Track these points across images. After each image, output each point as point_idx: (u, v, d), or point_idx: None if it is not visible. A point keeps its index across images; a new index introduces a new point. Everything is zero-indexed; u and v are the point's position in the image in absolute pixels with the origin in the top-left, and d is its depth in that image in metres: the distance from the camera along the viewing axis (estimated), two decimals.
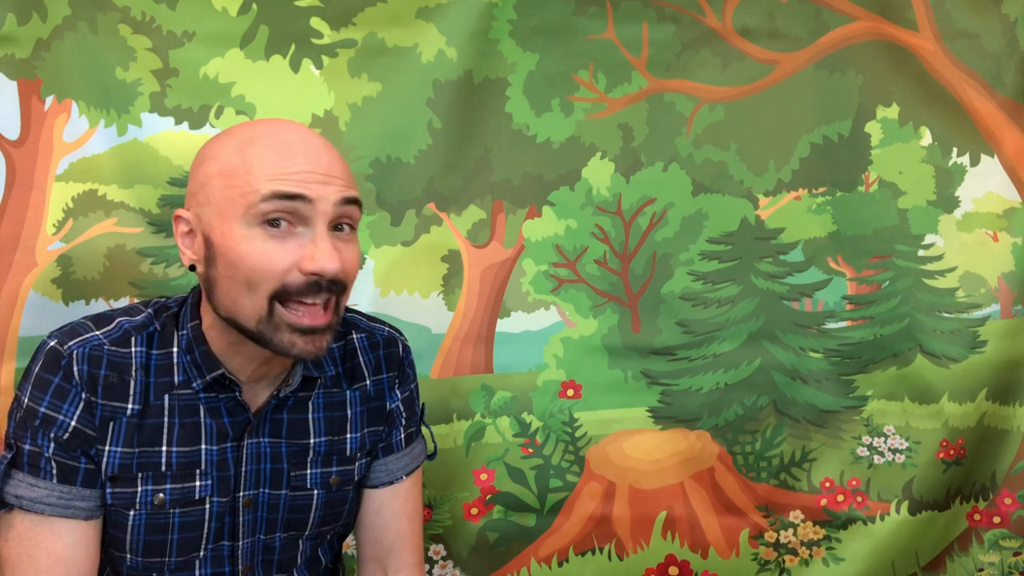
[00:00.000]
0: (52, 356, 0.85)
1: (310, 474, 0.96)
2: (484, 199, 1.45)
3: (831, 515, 1.51)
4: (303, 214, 0.81)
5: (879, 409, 1.51)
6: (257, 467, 0.93)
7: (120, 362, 0.87)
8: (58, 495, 0.84)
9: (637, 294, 1.49)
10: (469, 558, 1.47)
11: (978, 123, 1.48)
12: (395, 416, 1.04)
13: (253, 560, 0.95)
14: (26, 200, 1.30)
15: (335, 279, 0.82)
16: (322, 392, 0.97)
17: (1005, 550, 1.52)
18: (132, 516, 0.87)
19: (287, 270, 0.81)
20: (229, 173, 0.82)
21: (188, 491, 0.89)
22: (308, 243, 0.82)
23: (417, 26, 1.39)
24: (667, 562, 1.49)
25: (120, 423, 0.86)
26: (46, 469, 0.84)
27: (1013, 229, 1.49)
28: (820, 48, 1.47)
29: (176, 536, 0.89)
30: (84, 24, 1.30)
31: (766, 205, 1.49)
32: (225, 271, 0.82)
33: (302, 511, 0.96)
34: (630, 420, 1.48)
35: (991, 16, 1.46)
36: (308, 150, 0.83)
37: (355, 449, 0.99)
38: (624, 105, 1.46)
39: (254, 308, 0.82)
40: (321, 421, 0.97)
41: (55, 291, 1.30)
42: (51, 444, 0.84)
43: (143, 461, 0.87)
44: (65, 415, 0.84)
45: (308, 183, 0.81)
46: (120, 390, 0.87)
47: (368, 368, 1.02)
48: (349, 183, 0.85)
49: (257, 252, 0.80)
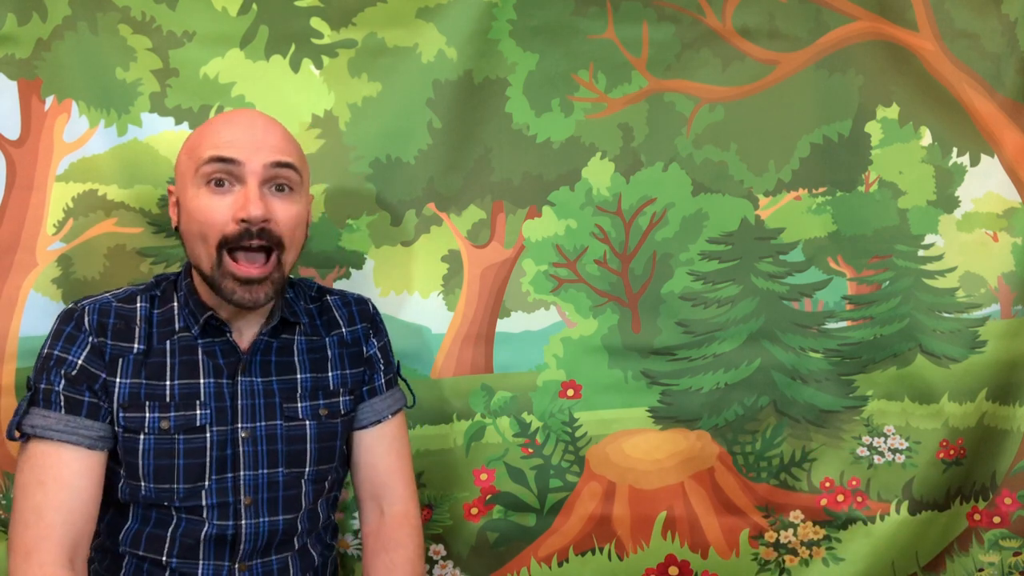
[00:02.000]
0: (67, 312, 1.03)
1: (301, 407, 1.09)
2: (484, 199, 1.45)
3: (831, 515, 1.51)
4: (236, 174, 0.99)
5: (879, 409, 1.51)
6: (252, 402, 1.05)
7: (126, 314, 1.04)
8: (65, 423, 0.97)
9: (637, 294, 1.49)
10: (469, 558, 1.47)
11: (978, 123, 1.48)
12: (374, 361, 1.19)
13: (257, 496, 1.04)
14: (26, 200, 1.31)
15: (264, 228, 0.98)
16: (303, 338, 1.12)
17: (1005, 550, 1.53)
18: (142, 440, 1.00)
19: (225, 222, 0.98)
20: (189, 148, 1.03)
21: (190, 418, 1.02)
22: (240, 196, 0.99)
23: (417, 26, 1.39)
24: (667, 562, 1.49)
25: (128, 360, 1.02)
26: (56, 402, 0.98)
27: (1013, 229, 1.49)
28: (820, 48, 1.47)
29: (182, 461, 1.01)
30: (84, 24, 1.30)
31: (766, 205, 1.49)
32: (186, 226, 1.02)
33: (298, 441, 1.08)
34: (630, 420, 1.48)
35: (991, 16, 1.46)
36: (246, 124, 1.02)
37: (337, 385, 1.13)
38: (624, 105, 1.46)
39: (207, 256, 0.99)
40: (306, 361, 1.11)
41: (55, 291, 1.30)
42: (61, 380, 0.99)
43: (149, 392, 1.01)
44: (74, 356, 1.00)
45: (240, 148, 0.99)
46: (127, 334, 1.03)
47: (343, 320, 1.17)
48: (284, 150, 1.02)
49: (204, 207, 0.99)
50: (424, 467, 1.44)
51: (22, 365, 1.29)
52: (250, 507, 1.03)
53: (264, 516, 1.04)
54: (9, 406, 1.29)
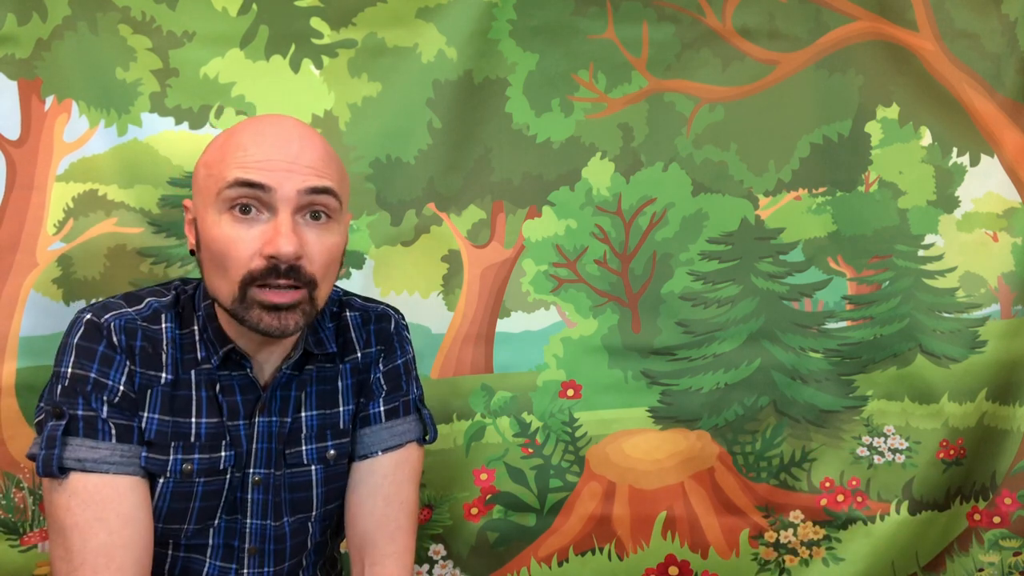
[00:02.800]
0: (92, 327, 0.88)
1: (305, 450, 0.97)
2: (484, 199, 1.45)
3: (831, 515, 1.51)
4: (265, 201, 0.85)
5: (879, 409, 1.51)
6: (268, 446, 0.95)
7: (153, 336, 0.91)
8: (120, 454, 0.86)
9: (637, 294, 1.49)
10: (469, 558, 1.47)
11: (978, 123, 1.48)
12: (374, 388, 1.03)
13: (263, 545, 0.95)
14: (26, 200, 1.30)
15: (294, 266, 0.85)
16: (315, 367, 0.99)
17: (1005, 550, 1.52)
18: (161, 483, 0.89)
19: (251, 256, 0.85)
20: (210, 163, 0.88)
21: (215, 461, 0.92)
22: (269, 228, 0.85)
23: (417, 26, 1.39)
24: (667, 562, 1.49)
25: (156, 391, 0.90)
26: (104, 430, 0.86)
27: (1013, 229, 1.49)
28: (820, 48, 1.47)
29: (198, 504, 0.91)
30: (84, 24, 1.30)
31: (766, 205, 1.49)
32: (206, 254, 0.88)
33: (303, 489, 0.97)
34: (630, 420, 1.48)
35: (991, 16, 1.46)
36: (278, 140, 0.86)
37: (348, 422, 1.00)
38: (624, 105, 1.46)
39: (229, 290, 0.86)
40: (313, 395, 0.98)
41: (55, 291, 1.30)
42: (104, 406, 0.86)
43: (176, 431, 0.90)
44: (114, 380, 0.88)
45: (270, 171, 0.84)
46: (155, 360, 0.91)
47: (359, 343, 1.03)
48: (322, 173, 0.87)
49: (225, 237, 0.85)
50: (424, 467, 1.44)
51: (22, 365, 1.29)
52: (254, 556, 0.95)
53: (269, 567, 0.96)
54: (9, 407, 1.29)
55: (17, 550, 1.32)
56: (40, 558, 1.33)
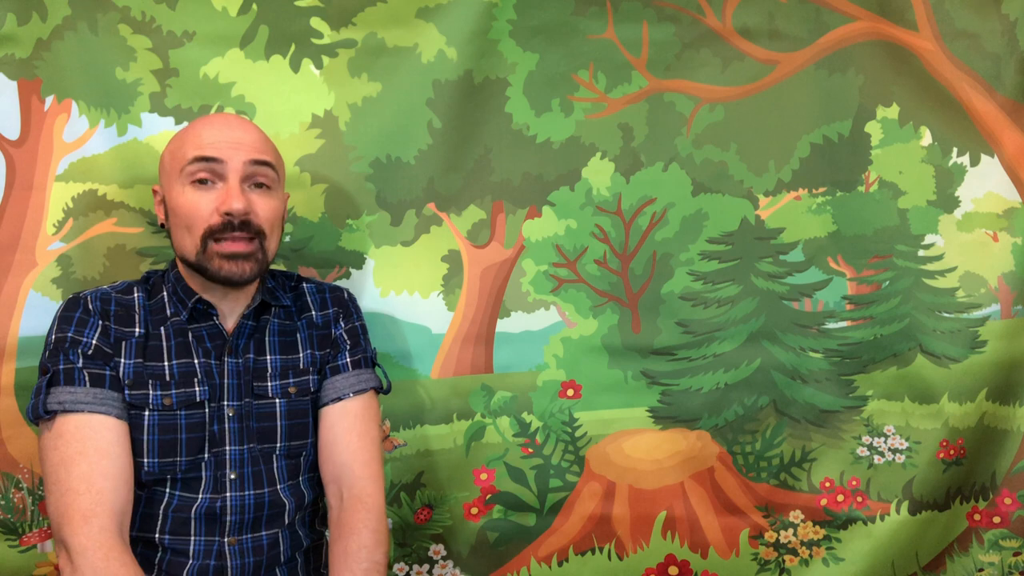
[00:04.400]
0: (72, 300, 1.09)
1: (271, 385, 1.13)
2: (484, 199, 1.45)
3: (831, 515, 1.51)
4: (219, 172, 1.06)
5: (879, 409, 1.51)
6: (237, 382, 1.11)
7: (126, 303, 1.11)
8: (93, 395, 1.02)
9: (637, 294, 1.49)
10: (469, 558, 1.47)
11: (978, 123, 1.48)
12: (339, 342, 1.21)
13: (242, 469, 1.09)
14: (26, 200, 1.31)
15: (245, 220, 1.06)
16: (276, 321, 1.17)
17: (1005, 550, 1.53)
18: (147, 416, 1.05)
19: (210, 214, 1.05)
20: (173, 149, 1.10)
21: (190, 394, 1.08)
22: (222, 191, 1.06)
23: (417, 26, 1.39)
24: (667, 562, 1.49)
25: (130, 343, 1.08)
26: (80, 378, 1.02)
27: (1013, 229, 1.49)
28: (820, 48, 1.47)
29: (184, 436, 1.06)
30: (84, 24, 1.30)
31: (766, 205, 1.49)
32: (173, 220, 1.09)
33: (268, 419, 1.12)
34: (630, 420, 1.48)
35: (991, 16, 1.46)
36: (225, 126, 1.09)
37: (307, 363, 1.17)
38: (624, 105, 1.46)
39: (192, 244, 1.06)
40: (276, 343, 1.16)
41: (55, 291, 1.30)
42: (80, 358, 1.04)
43: (151, 372, 1.07)
44: (87, 336, 1.05)
45: (221, 148, 1.06)
46: (127, 319, 1.09)
47: (315, 305, 1.22)
48: (261, 150, 1.10)
49: (189, 203, 1.06)
50: (424, 467, 1.45)
51: (22, 365, 1.29)
52: (235, 481, 1.08)
53: (249, 489, 1.09)
54: (9, 407, 1.29)
55: (16, 550, 1.32)
56: (39, 558, 1.33)
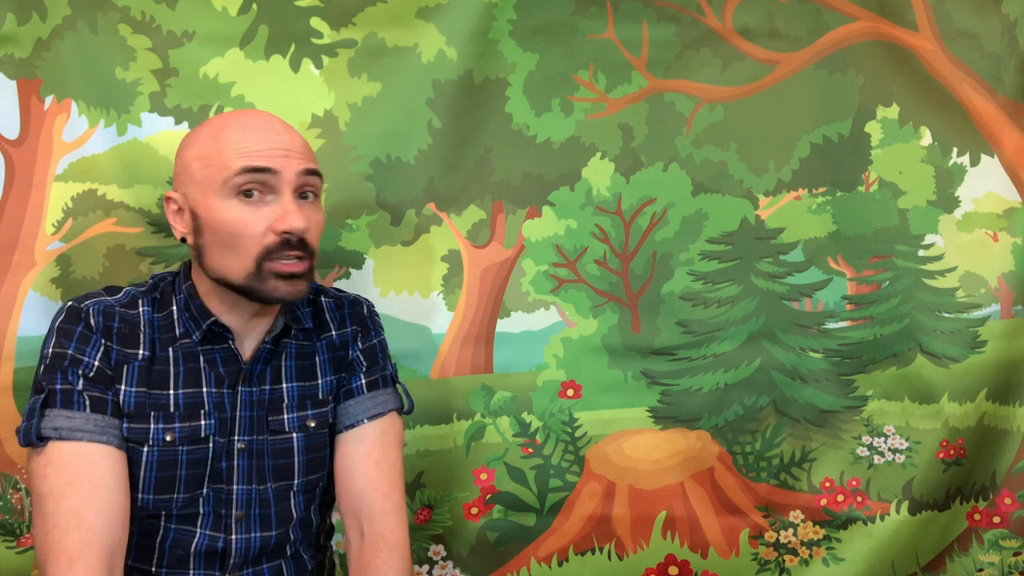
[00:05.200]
0: (72, 311, 0.97)
1: (287, 419, 1.03)
2: (484, 199, 1.45)
3: (831, 515, 1.51)
4: (270, 184, 0.94)
5: (879, 409, 1.51)
6: (251, 414, 1.01)
7: (131, 319, 0.99)
8: (94, 423, 0.92)
9: (637, 294, 1.49)
10: (469, 558, 1.47)
11: (978, 123, 1.48)
12: (355, 364, 1.11)
13: (249, 511, 1.00)
14: (25, 200, 1.30)
15: (303, 238, 0.95)
16: (294, 343, 1.06)
17: (1005, 550, 1.53)
18: (146, 452, 0.95)
19: (263, 233, 0.93)
20: (205, 156, 0.95)
21: (195, 429, 0.98)
22: (277, 208, 0.94)
23: (417, 26, 1.39)
24: (667, 562, 1.49)
25: (133, 367, 0.97)
26: (79, 401, 0.92)
27: (1013, 229, 1.49)
28: (820, 48, 1.47)
29: (184, 472, 0.97)
30: (84, 24, 1.30)
31: (766, 205, 1.49)
32: (211, 238, 0.95)
33: (285, 455, 1.03)
34: (630, 420, 1.48)
35: (991, 16, 1.46)
36: (270, 130, 0.96)
37: (326, 392, 1.08)
38: (624, 105, 1.46)
39: (241, 266, 0.94)
40: (293, 368, 1.05)
41: (54, 291, 1.30)
42: (80, 380, 0.93)
43: (153, 402, 0.97)
44: (89, 356, 0.95)
45: (272, 157, 0.94)
46: (131, 339, 0.98)
47: (333, 323, 1.11)
48: (309, 157, 0.98)
49: (235, 220, 0.93)
50: (424, 467, 1.44)
51: (20, 365, 1.29)
52: (241, 522, 1.00)
53: (256, 532, 1.01)
54: (6, 407, 1.28)
55: (14, 551, 1.32)
56: None
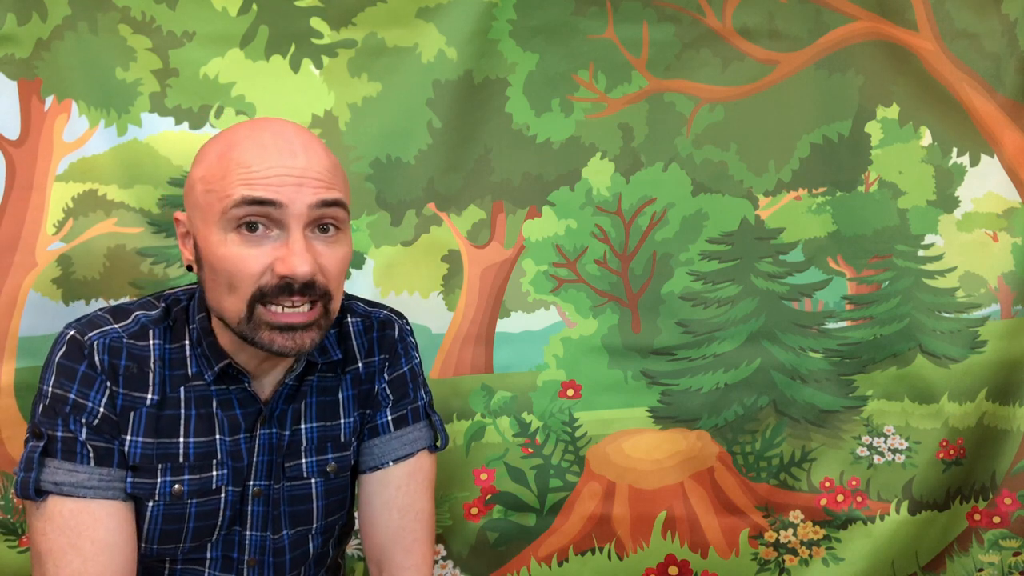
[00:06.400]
0: (75, 345, 0.85)
1: (305, 463, 0.94)
2: (484, 199, 1.45)
3: (831, 515, 1.51)
4: (276, 218, 0.80)
5: (879, 409, 1.51)
6: (269, 458, 0.92)
7: (139, 354, 0.87)
8: (98, 478, 0.84)
9: (637, 294, 1.49)
10: (469, 558, 1.47)
11: (978, 123, 1.48)
12: (380, 398, 0.99)
13: (263, 557, 0.93)
14: (26, 200, 1.30)
15: (309, 282, 0.81)
16: (316, 377, 0.95)
17: (1005, 550, 1.53)
18: (151, 507, 0.87)
19: (261, 273, 0.81)
20: (208, 178, 0.82)
21: (206, 481, 0.89)
22: (281, 246, 0.81)
23: (417, 26, 1.39)
24: (667, 562, 1.49)
25: (140, 413, 0.87)
26: (82, 453, 0.84)
27: (1013, 229, 1.49)
28: (820, 48, 1.47)
29: (192, 524, 0.89)
30: (84, 24, 1.30)
31: (766, 205, 1.49)
32: (209, 274, 0.83)
33: (303, 502, 0.95)
34: (630, 420, 1.48)
35: (991, 16, 1.46)
36: (283, 152, 0.81)
37: (349, 434, 0.97)
38: (624, 105, 1.46)
39: (236, 309, 0.82)
40: (314, 406, 0.95)
41: (55, 291, 1.30)
42: (83, 429, 0.84)
43: (162, 452, 0.87)
44: (93, 402, 0.85)
45: (279, 187, 0.79)
46: (139, 380, 0.87)
47: (361, 351, 0.99)
48: (330, 184, 0.83)
49: (233, 256, 0.80)
50: None
51: (21, 365, 1.29)
52: (254, 568, 0.93)
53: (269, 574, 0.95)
54: (8, 406, 1.29)
55: (15, 551, 1.32)
56: None
